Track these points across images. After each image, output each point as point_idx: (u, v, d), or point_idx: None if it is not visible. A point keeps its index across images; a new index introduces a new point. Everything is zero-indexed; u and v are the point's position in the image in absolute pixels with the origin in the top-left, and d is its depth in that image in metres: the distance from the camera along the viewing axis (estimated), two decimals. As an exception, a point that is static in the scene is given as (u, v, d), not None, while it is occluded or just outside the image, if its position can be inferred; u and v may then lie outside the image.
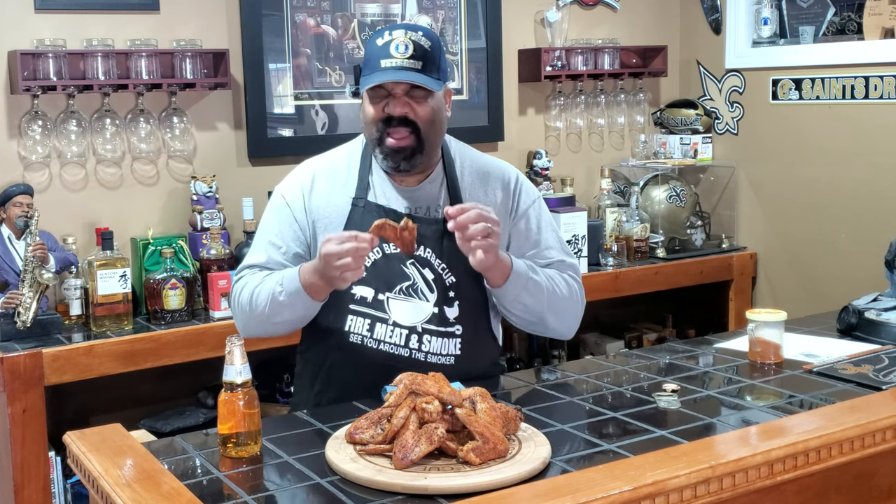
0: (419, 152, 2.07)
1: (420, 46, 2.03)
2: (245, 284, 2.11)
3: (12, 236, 2.98)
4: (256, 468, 1.69)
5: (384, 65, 2.02)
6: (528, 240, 2.20)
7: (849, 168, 3.71)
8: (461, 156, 2.21)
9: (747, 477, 1.61)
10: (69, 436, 1.82)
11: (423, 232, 2.08)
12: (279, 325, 2.09)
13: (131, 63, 3.17)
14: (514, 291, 2.07)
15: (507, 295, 2.09)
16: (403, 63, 2.01)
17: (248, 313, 2.10)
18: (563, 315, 2.18)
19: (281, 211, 2.16)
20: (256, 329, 2.12)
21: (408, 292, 2.08)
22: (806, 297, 3.85)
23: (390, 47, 2.02)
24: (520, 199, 2.21)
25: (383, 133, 2.06)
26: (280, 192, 2.19)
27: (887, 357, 2.21)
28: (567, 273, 2.20)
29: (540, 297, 2.11)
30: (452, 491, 1.52)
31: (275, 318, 2.06)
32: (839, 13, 3.82)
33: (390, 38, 2.04)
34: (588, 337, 4.09)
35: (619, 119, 4.16)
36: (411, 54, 2.01)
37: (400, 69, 2.01)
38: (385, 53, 2.02)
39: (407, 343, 2.08)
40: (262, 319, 2.08)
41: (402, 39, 2.02)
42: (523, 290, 2.08)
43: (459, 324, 2.11)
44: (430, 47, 2.04)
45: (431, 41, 2.05)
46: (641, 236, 3.80)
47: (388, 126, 2.05)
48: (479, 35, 3.84)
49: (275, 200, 2.19)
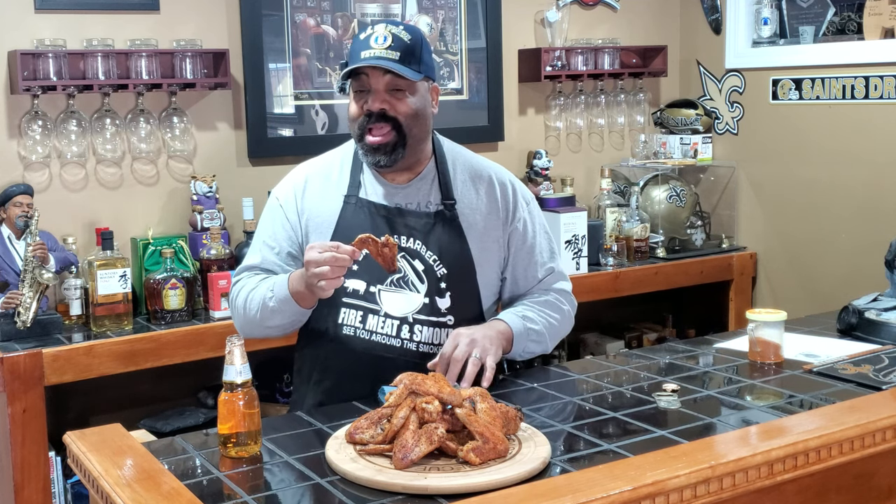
0: (400, 147, 2.09)
1: (399, 38, 2.05)
2: (241, 288, 2.16)
3: (12, 236, 2.98)
4: (256, 468, 1.69)
5: (363, 55, 2.05)
6: (524, 244, 2.25)
7: (849, 168, 3.71)
8: (453, 155, 2.24)
9: (747, 477, 1.61)
10: (69, 436, 1.82)
11: (413, 224, 2.14)
12: (271, 329, 2.14)
13: (131, 63, 3.17)
14: (520, 347, 2.17)
15: (515, 353, 2.18)
16: (381, 53, 2.04)
17: (242, 317, 2.16)
18: (560, 336, 2.31)
19: (275, 213, 2.20)
20: (252, 331, 2.17)
21: (399, 284, 2.12)
22: (806, 297, 3.84)
23: (370, 39, 2.06)
24: (517, 204, 2.25)
25: (364, 129, 2.09)
26: (274, 195, 2.24)
27: (887, 357, 2.21)
28: (556, 292, 2.28)
29: (544, 342, 2.22)
30: (452, 491, 1.52)
31: (266, 322, 2.12)
32: (839, 13, 3.82)
33: (371, 32, 2.07)
34: (588, 337, 4.09)
35: (619, 119, 4.16)
36: (389, 45, 2.04)
37: (377, 59, 2.04)
38: (365, 45, 2.06)
39: (398, 333, 2.11)
40: (255, 323, 2.13)
41: (381, 32, 2.06)
42: (528, 342, 2.18)
43: (451, 314, 2.14)
44: (410, 40, 2.07)
45: (412, 35, 2.08)
46: (641, 236, 3.80)
47: (368, 122, 2.07)
48: (479, 35, 3.83)
49: (269, 203, 2.25)
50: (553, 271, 2.28)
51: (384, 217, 2.13)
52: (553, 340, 2.25)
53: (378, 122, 2.07)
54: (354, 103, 2.10)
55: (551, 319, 2.23)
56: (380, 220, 2.13)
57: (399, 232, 2.13)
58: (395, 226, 2.13)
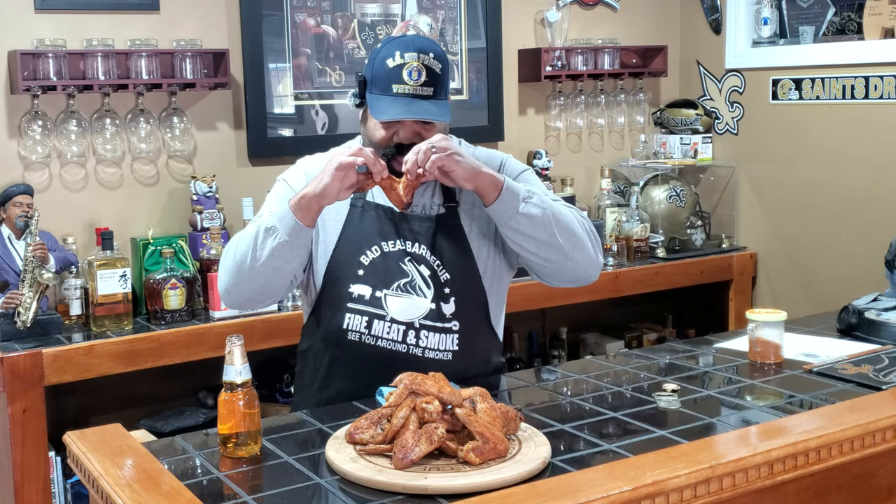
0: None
1: (432, 72, 2.02)
2: (234, 238, 2.08)
3: (12, 236, 2.98)
4: (256, 468, 1.69)
5: (396, 90, 2.01)
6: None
7: (849, 168, 3.71)
8: None
9: (747, 477, 1.61)
10: (69, 436, 1.82)
11: (417, 229, 2.11)
12: (262, 268, 1.99)
13: (131, 63, 3.17)
14: (514, 204, 1.97)
15: (507, 212, 1.98)
16: (417, 91, 2.00)
17: (232, 260, 2.02)
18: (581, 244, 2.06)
19: (285, 193, 2.11)
20: (239, 282, 2.03)
21: (405, 289, 2.09)
22: (806, 297, 3.85)
23: (402, 72, 2.01)
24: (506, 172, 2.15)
25: (391, 158, 2.06)
26: (283, 178, 2.18)
27: (887, 357, 2.21)
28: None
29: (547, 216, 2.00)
30: (452, 491, 1.52)
31: (258, 254, 1.97)
32: (839, 13, 3.82)
33: (402, 62, 2.01)
34: (588, 337, 4.09)
35: (619, 119, 4.16)
36: (424, 81, 2.01)
37: (413, 97, 2.00)
38: (397, 78, 2.01)
39: (405, 339, 2.08)
40: (244, 267, 1.99)
41: (415, 65, 2.00)
42: (524, 202, 1.98)
43: (456, 319, 2.11)
44: (441, 69, 2.04)
45: (441, 63, 2.05)
46: (641, 236, 3.80)
47: (397, 152, 2.05)
48: (479, 35, 3.84)
49: (277, 186, 2.18)
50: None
51: (390, 220, 2.12)
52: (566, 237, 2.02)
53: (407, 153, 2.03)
54: (382, 129, 2.06)
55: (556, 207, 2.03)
56: (386, 224, 2.12)
57: (404, 236, 2.11)
58: (400, 230, 2.12)
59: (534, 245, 2.02)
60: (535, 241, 2.01)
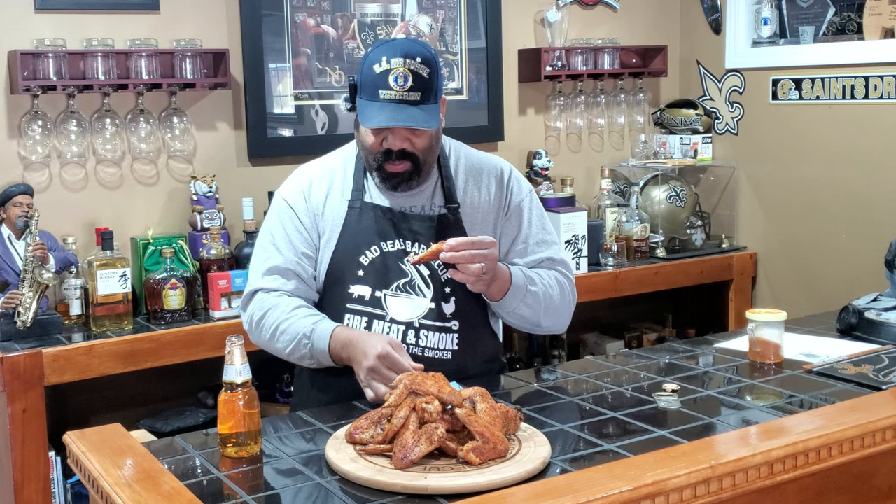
0: (416, 175, 2.11)
1: (418, 76, 2.01)
2: (268, 310, 2.11)
3: (12, 236, 2.98)
4: (256, 468, 1.69)
5: (382, 96, 2.00)
6: (519, 233, 2.22)
7: (849, 168, 3.71)
8: (455, 154, 2.23)
9: (747, 477, 1.61)
10: (69, 436, 1.82)
11: (417, 228, 2.13)
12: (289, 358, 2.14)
13: (131, 63, 3.17)
14: (512, 304, 2.12)
15: (505, 307, 2.13)
16: (403, 96, 2.00)
17: (265, 342, 2.14)
18: (557, 316, 2.23)
19: (285, 214, 2.17)
20: (265, 348, 2.18)
21: (405, 289, 2.10)
22: (806, 297, 3.85)
23: (388, 77, 2.00)
24: (512, 193, 2.23)
25: (381, 163, 2.08)
26: (281, 196, 2.20)
27: (887, 357, 2.21)
28: (557, 269, 2.22)
29: (537, 308, 2.15)
30: (452, 491, 1.52)
31: (291, 356, 2.11)
32: (839, 13, 3.82)
33: (388, 68, 2.00)
34: (588, 337, 4.09)
35: (619, 119, 4.16)
36: (410, 86, 2.00)
37: (399, 103, 2.00)
38: (383, 83, 2.00)
39: (404, 339, 2.09)
40: (277, 352, 2.13)
41: (401, 70, 2.00)
42: (521, 302, 2.12)
43: (456, 319, 2.13)
44: (429, 74, 2.02)
45: (430, 67, 2.03)
46: (641, 236, 3.80)
47: (387, 159, 2.07)
48: (479, 35, 3.83)
49: (277, 205, 2.20)
50: (553, 260, 2.23)
51: (389, 220, 2.13)
52: (546, 314, 2.17)
53: (397, 159, 2.06)
54: (372, 136, 2.07)
55: (550, 291, 2.17)
56: (385, 224, 2.13)
57: (404, 236, 2.12)
58: (399, 230, 2.12)
59: (518, 321, 2.18)
60: (521, 319, 2.17)
